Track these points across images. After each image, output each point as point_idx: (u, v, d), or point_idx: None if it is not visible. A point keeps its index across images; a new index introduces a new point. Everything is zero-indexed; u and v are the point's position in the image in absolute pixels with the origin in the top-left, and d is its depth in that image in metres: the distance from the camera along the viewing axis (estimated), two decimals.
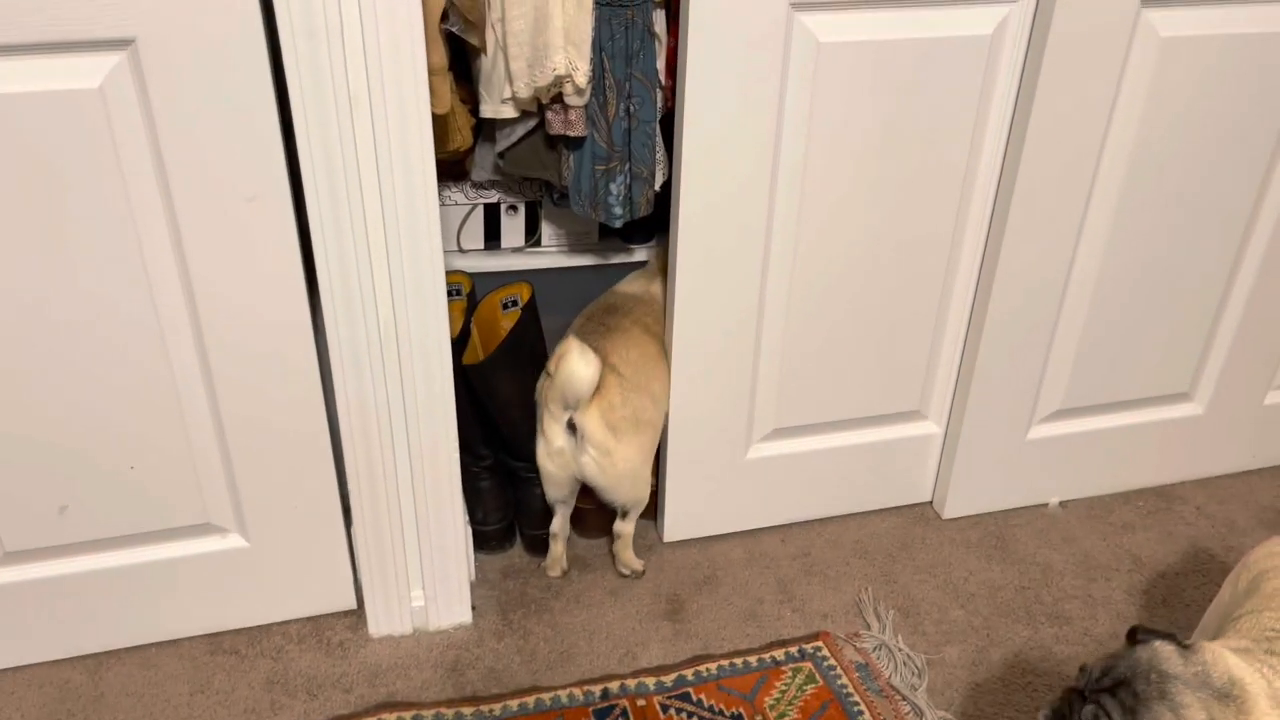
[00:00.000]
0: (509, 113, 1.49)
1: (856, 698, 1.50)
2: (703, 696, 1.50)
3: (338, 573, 1.58)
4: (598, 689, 1.50)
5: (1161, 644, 1.06)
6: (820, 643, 1.59)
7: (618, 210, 1.55)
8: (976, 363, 1.71)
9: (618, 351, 1.59)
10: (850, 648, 1.59)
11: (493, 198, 1.73)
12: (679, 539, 1.78)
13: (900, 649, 1.58)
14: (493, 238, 1.77)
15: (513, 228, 1.77)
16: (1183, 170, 1.62)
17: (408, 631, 1.59)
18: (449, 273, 1.64)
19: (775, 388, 1.69)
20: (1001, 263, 1.62)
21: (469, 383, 1.62)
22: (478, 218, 1.75)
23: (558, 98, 1.46)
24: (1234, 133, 1.61)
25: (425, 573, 1.56)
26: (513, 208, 1.75)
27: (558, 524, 1.68)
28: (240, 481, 1.46)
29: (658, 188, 1.58)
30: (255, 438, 1.43)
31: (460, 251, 1.76)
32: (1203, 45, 1.52)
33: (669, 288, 1.58)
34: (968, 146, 1.55)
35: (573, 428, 1.57)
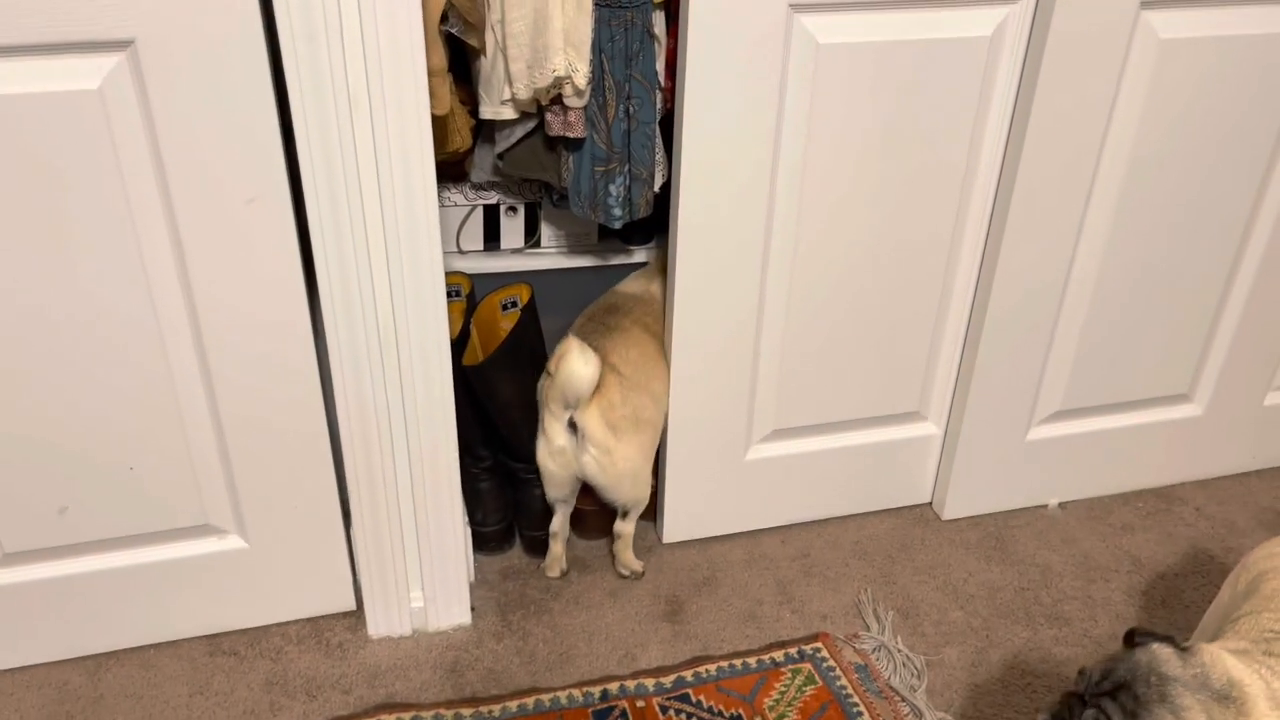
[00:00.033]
0: (508, 114, 1.49)
1: (856, 699, 1.50)
2: (702, 698, 1.50)
3: (337, 574, 1.58)
4: (597, 690, 1.50)
5: (1160, 646, 1.06)
6: (819, 644, 1.59)
7: (617, 211, 1.55)
8: (976, 363, 1.71)
9: (618, 351, 1.59)
10: (849, 649, 1.59)
11: (492, 199, 1.73)
12: (678, 540, 1.78)
13: (899, 650, 1.58)
14: (492, 239, 1.77)
15: (512, 229, 1.77)
16: (1182, 171, 1.62)
17: (407, 633, 1.59)
18: (448, 274, 1.64)
19: (775, 388, 1.69)
20: (1001, 263, 1.62)
21: (468, 384, 1.62)
22: (477, 219, 1.75)
23: (557, 99, 1.46)
24: (1233, 134, 1.61)
25: (425, 574, 1.56)
26: (512, 209, 1.75)
27: (557, 524, 1.68)
28: (240, 482, 1.46)
29: (657, 189, 1.58)
30: (255, 439, 1.43)
31: (460, 253, 1.76)
32: (1202, 46, 1.52)
33: (668, 289, 1.58)
34: (967, 147, 1.55)
35: (574, 427, 1.57)
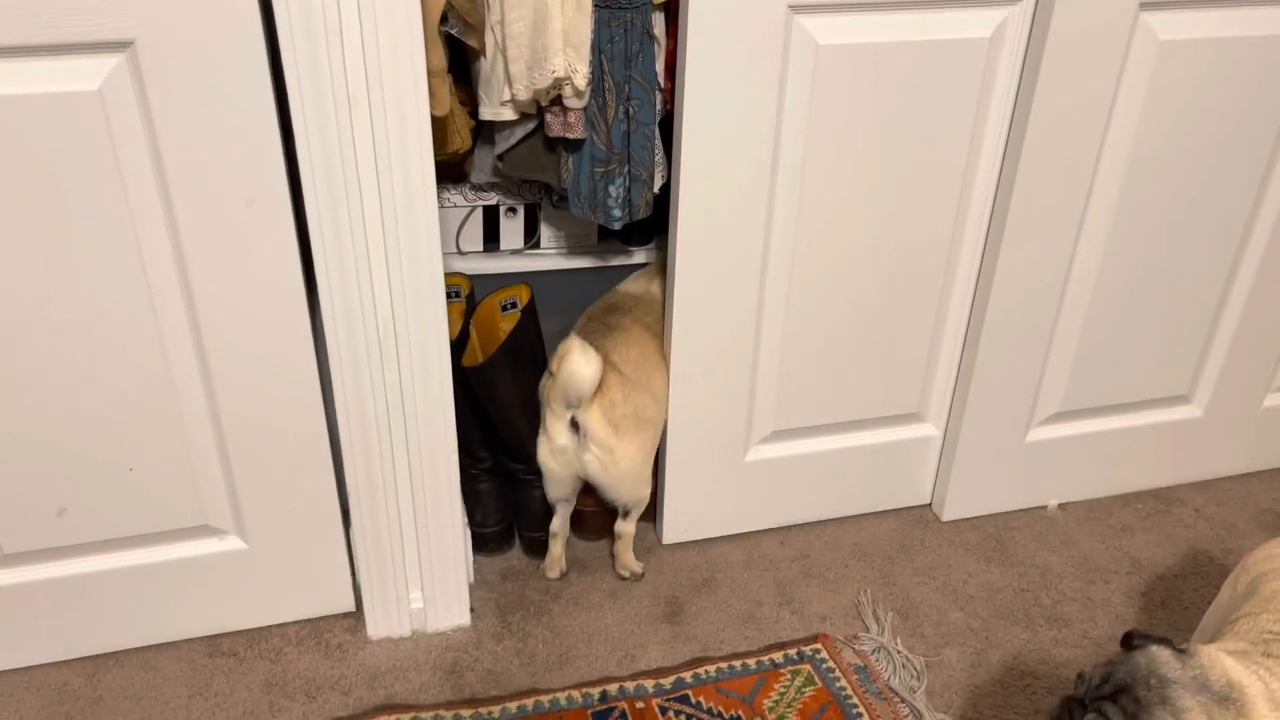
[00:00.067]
0: (508, 115, 1.49)
1: (855, 700, 1.50)
2: (701, 699, 1.50)
3: (336, 575, 1.58)
4: (596, 691, 1.50)
5: (1158, 649, 1.06)
6: (819, 645, 1.59)
7: (617, 212, 1.55)
8: (975, 364, 1.71)
9: (619, 350, 1.60)
10: (849, 650, 1.59)
11: (492, 200, 1.73)
12: (678, 541, 1.78)
13: (899, 651, 1.58)
14: (492, 240, 1.77)
15: (512, 230, 1.77)
16: (1181, 172, 1.63)
17: (406, 634, 1.59)
18: (448, 275, 1.64)
19: (774, 389, 1.69)
20: (1000, 264, 1.62)
21: (468, 385, 1.62)
22: (477, 220, 1.75)
23: (557, 100, 1.46)
24: (1232, 135, 1.61)
25: (424, 575, 1.56)
26: (512, 210, 1.75)
27: (557, 523, 1.68)
28: (239, 483, 1.46)
29: (657, 190, 1.58)
30: (254, 439, 1.43)
31: (459, 253, 1.76)
32: (1201, 48, 1.52)
33: (668, 290, 1.58)
34: (967, 148, 1.55)
35: (576, 426, 1.57)
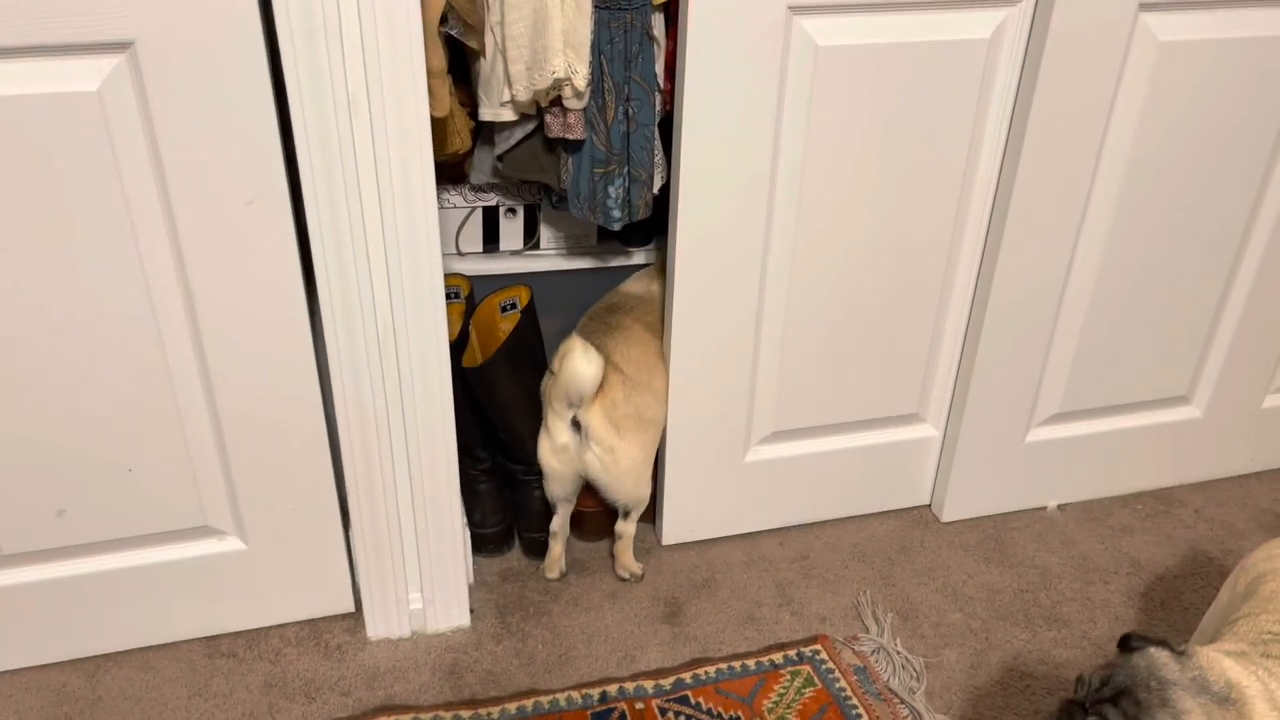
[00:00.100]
0: (508, 116, 1.49)
1: (855, 701, 1.50)
2: (701, 699, 1.50)
3: (336, 575, 1.58)
4: (596, 692, 1.50)
5: (1157, 650, 1.06)
6: (818, 646, 1.59)
7: (616, 213, 1.55)
8: (975, 365, 1.71)
9: (620, 350, 1.60)
10: (848, 651, 1.59)
11: (491, 200, 1.73)
12: (677, 542, 1.78)
13: (898, 652, 1.58)
14: (491, 240, 1.77)
15: (511, 230, 1.77)
16: (1181, 173, 1.63)
17: (406, 634, 1.59)
18: (447, 275, 1.64)
19: (774, 390, 1.69)
20: (1000, 265, 1.62)
21: (468, 385, 1.62)
22: (476, 220, 1.75)
23: (556, 101, 1.46)
24: (1232, 136, 1.61)
25: (423, 575, 1.56)
26: (511, 210, 1.74)
27: (557, 523, 1.68)
28: (238, 484, 1.46)
29: (656, 191, 1.58)
30: (254, 439, 1.43)
31: (459, 254, 1.76)
32: (1200, 49, 1.52)
33: (667, 291, 1.58)
34: (966, 149, 1.55)
35: (577, 425, 1.57)
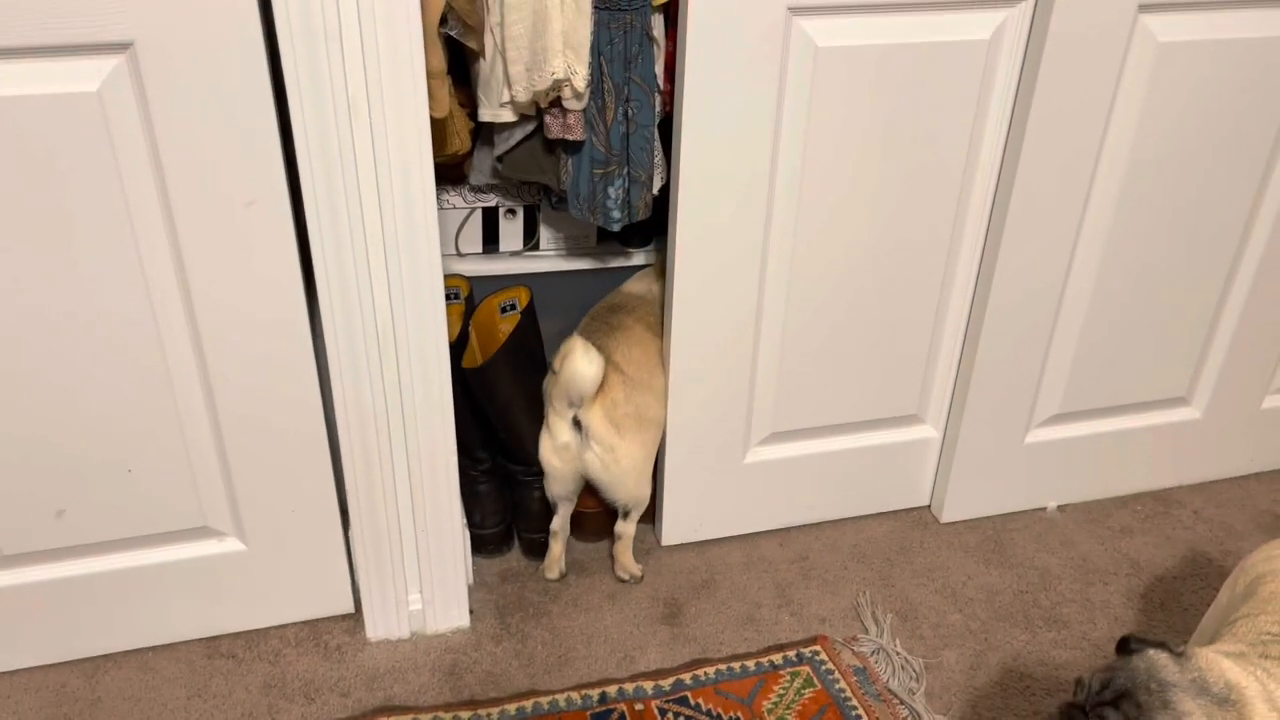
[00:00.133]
0: (507, 116, 1.49)
1: (854, 702, 1.50)
2: (700, 700, 1.50)
3: (335, 576, 1.58)
4: (595, 693, 1.50)
5: (1156, 652, 1.06)
6: (818, 646, 1.59)
7: (616, 214, 1.55)
8: (975, 366, 1.71)
9: (621, 350, 1.60)
10: (848, 651, 1.59)
11: (491, 201, 1.73)
12: (677, 543, 1.78)
13: (898, 653, 1.58)
14: (491, 241, 1.77)
15: (511, 231, 1.77)
16: (1180, 174, 1.63)
17: (405, 635, 1.59)
18: (447, 276, 1.64)
19: (773, 391, 1.69)
20: (999, 266, 1.62)
21: (467, 386, 1.62)
22: (476, 221, 1.75)
23: (556, 102, 1.46)
24: (1231, 136, 1.61)
25: (423, 576, 1.56)
26: (511, 211, 1.75)
27: (558, 523, 1.68)
28: (238, 484, 1.46)
29: (656, 191, 1.58)
30: (253, 440, 1.43)
31: (458, 255, 1.76)
32: (1199, 50, 1.52)
33: (667, 291, 1.58)
34: (966, 150, 1.55)
35: (578, 425, 1.58)
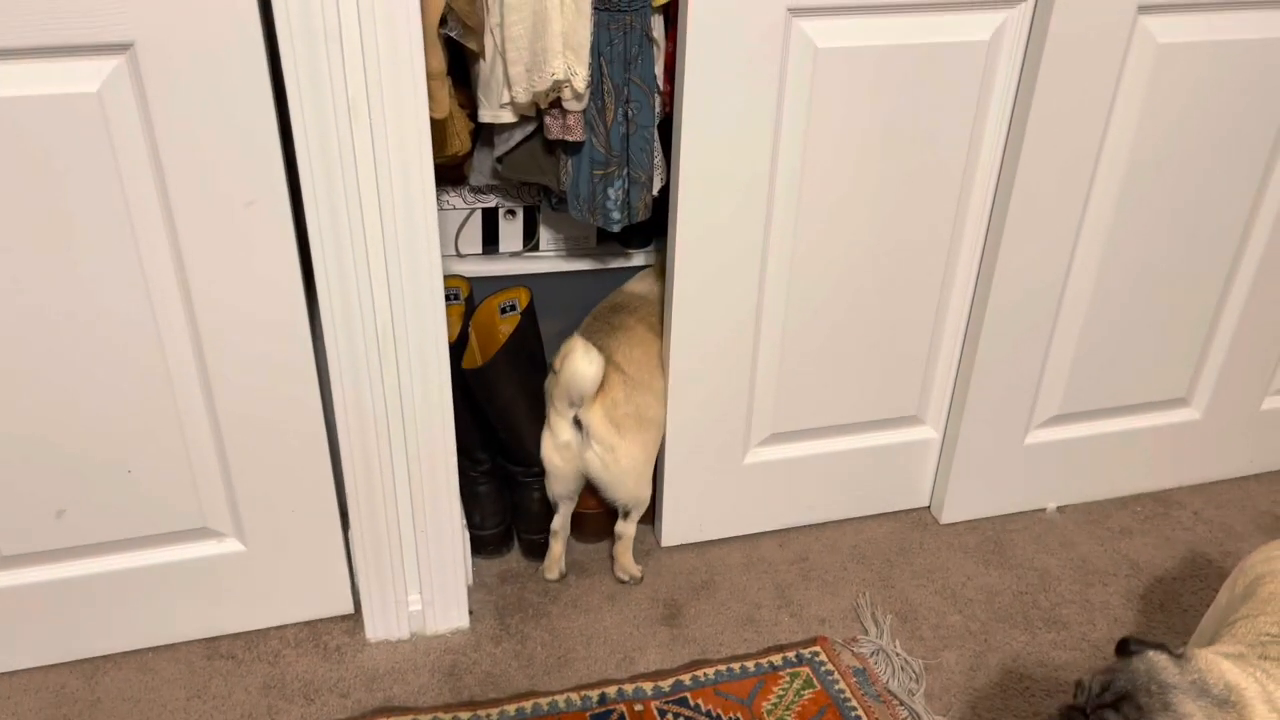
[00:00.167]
0: (507, 117, 1.49)
1: (854, 703, 1.50)
2: (700, 701, 1.50)
3: (335, 577, 1.58)
4: (595, 694, 1.50)
5: (1156, 654, 1.06)
6: (818, 648, 1.59)
7: (616, 215, 1.55)
8: (974, 366, 1.71)
9: (622, 350, 1.60)
10: (848, 653, 1.59)
11: (491, 202, 1.73)
12: (676, 544, 1.78)
13: (898, 654, 1.58)
14: (491, 242, 1.77)
15: (511, 232, 1.77)
16: (1180, 175, 1.63)
17: (405, 636, 1.59)
18: (447, 277, 1.64)
19: (773, 392, 1.69)
20: (999, 267, 1.62)
21: (467, 387, 1.62)
22: (476, 222, 1.75)
23: (556, 103, 1.46)
24: (1230, 138, 1.61)
25: (423, 577, 1.56)
26: (511, 212, 1.75)
27: (558, 522, 1.68)
28: (238, 485, 1.46)
29: (656, 192, 1.58)
30: (253, 440, 1.43)
31: (458, 256, 1.76)
32: (1199, 50, 1.52)
33: (667, 292, 1.58)
34: (966, 151, 1.55)
35: (580, 424, 1.58)
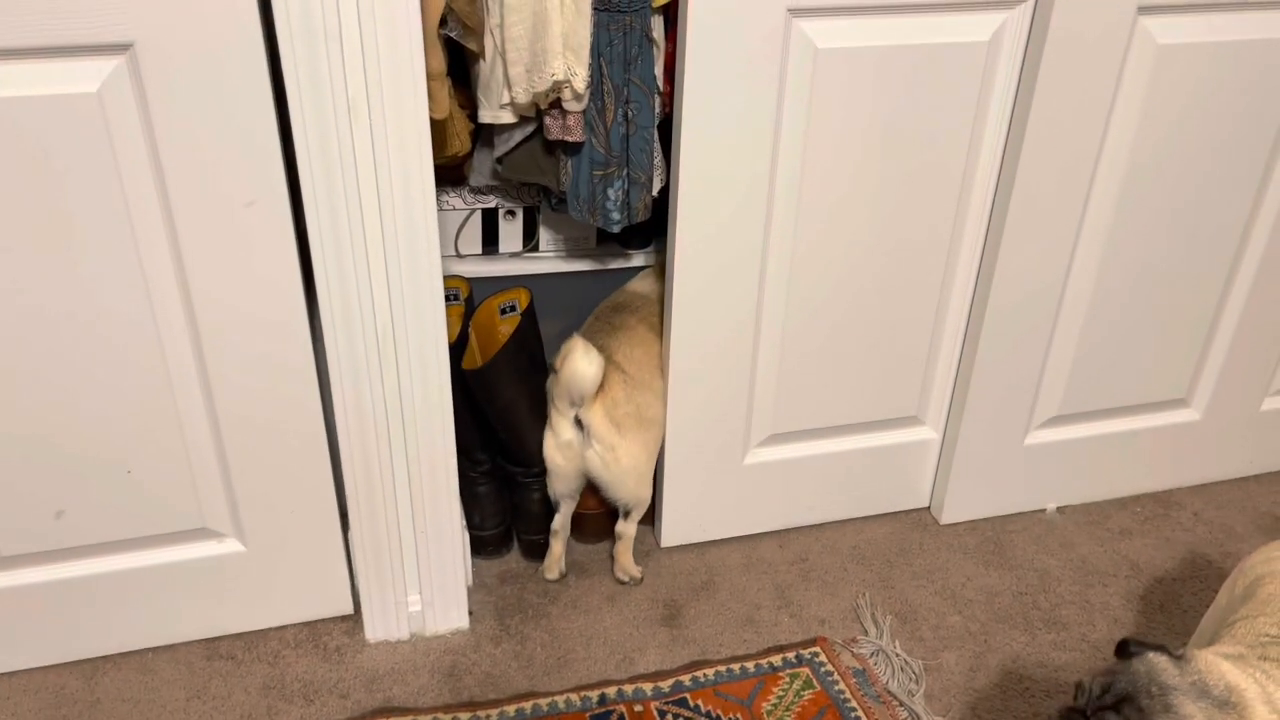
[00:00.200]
0: (507, 118, 1.49)
1: (854, 703, 1.50)
2: (700, 702, 1.50)
3: (335, 578, 1.58)
4: (595, 695, 1.50)
5: (1156, 656, 1.06)
6: (817, 648, 1.59)
7: (615, 215, 1.55)
8: (974, 367, 1.71)
9: (623, 350, 1.60)
10: (847, 653, 1.59)
11: (490, 203, 1.73)
12: (676, 544, 1.78)
13: (897, 654, 1.58)
14: (490, 243, 1.77)
15: (510, 233, 1.77)
16: (1180, 175, 1.63)
17: (405, 637, 1.59)
18: (447, 278, 1.64)
19: (773, 393, 1.69)
20: (999, 268, 1.62)
21: (467, 388, 1.62)
22: (475, 223, 1.75)
23: (556, 103, 1.46)
24: (1230, 138, 1.61)
25: (422, 578, 1.56)
26: (510, 213, 1.75)
27: (559, 521, 1.68)
28: (237, 485, 1.46)
29: (655, 193, 1.58)
30: (253, 440, 1.43)
31: (458, 256, 1.76)
32: (1199, 51, 1.52)
33: (667, 293, 1.58)
34: (965, 152, 1.55)
35: (581, 424, 1.58)
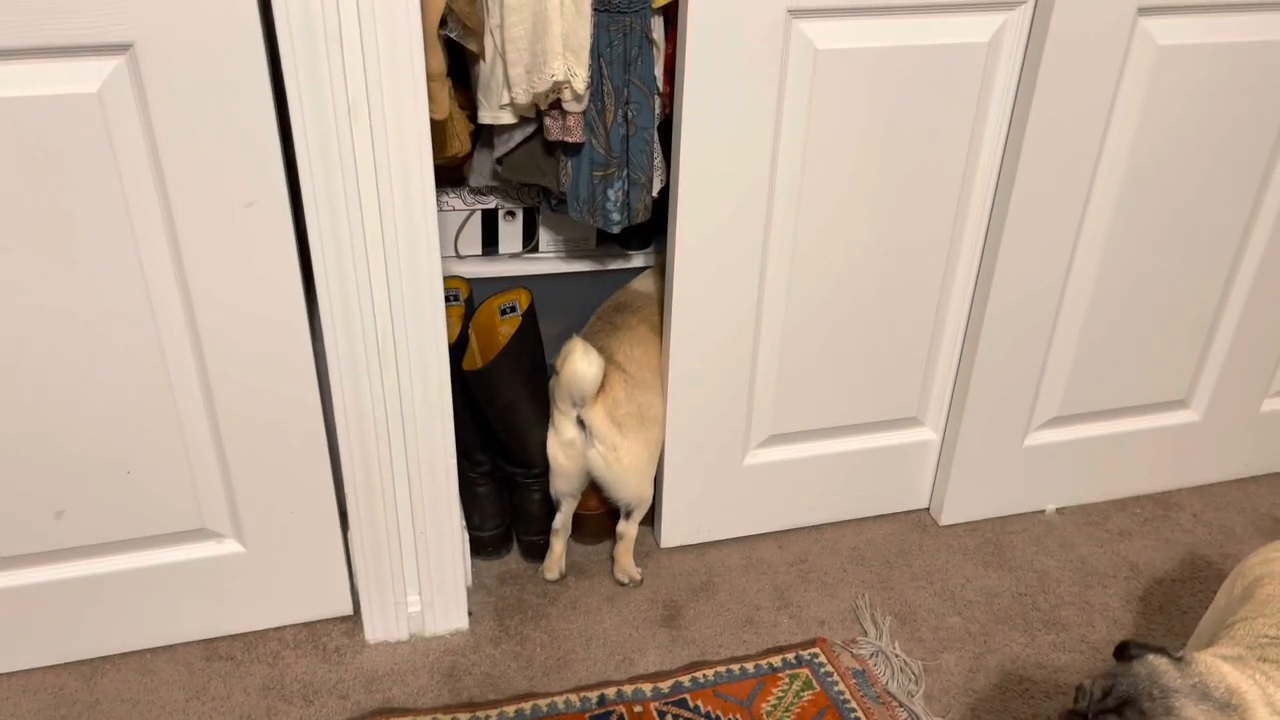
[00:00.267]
0: (507, 119, 1.49)
1: (853, 704, 1.50)
2: (699, 703, 1.50)
3: (334, 578, 1.58)
4: (594, 695, 1.50)
5: (1156, 658, 1.06)
6: (817, 649, 1.59)
7: (615, 216, 1.55)
8: (974, 368, 1.71)
9: (624, 350, 1.61)
10: (847, 654, 1.59)
11: (490, 204, 1.73)
12: (676, 545, 1.78)
13: (897, 655, 1.58)
14: (490, 243, 1.77)
15: (510, 233, 1.77)
16: (1179, 177, 1.63)
17: (404, 637, 1.59)
18: (447, 278, 1.64)
19: (772, 393, 1.69)
20: (999, 269, 1.62)
21: (467, 388, 1.62)
22: (475, 223, 1.75)
23: (556, 104, 1.46)
24: (1230, 139, 1.62)
25: (422, 578, 1.56)
26: (510, 213, 1.75)
27: (560, 521, 1.68)
28: (237, 486, 1.46)
29: (655, 193, 1.58)
30: (252, 440, 1.43)
31: (458, 257, 1.76)
32: (1199, 53, 1.52)
33: (667, 293, 1.58)
34: (965, 152, 1.55)
35: (583, 424, 1.58)
